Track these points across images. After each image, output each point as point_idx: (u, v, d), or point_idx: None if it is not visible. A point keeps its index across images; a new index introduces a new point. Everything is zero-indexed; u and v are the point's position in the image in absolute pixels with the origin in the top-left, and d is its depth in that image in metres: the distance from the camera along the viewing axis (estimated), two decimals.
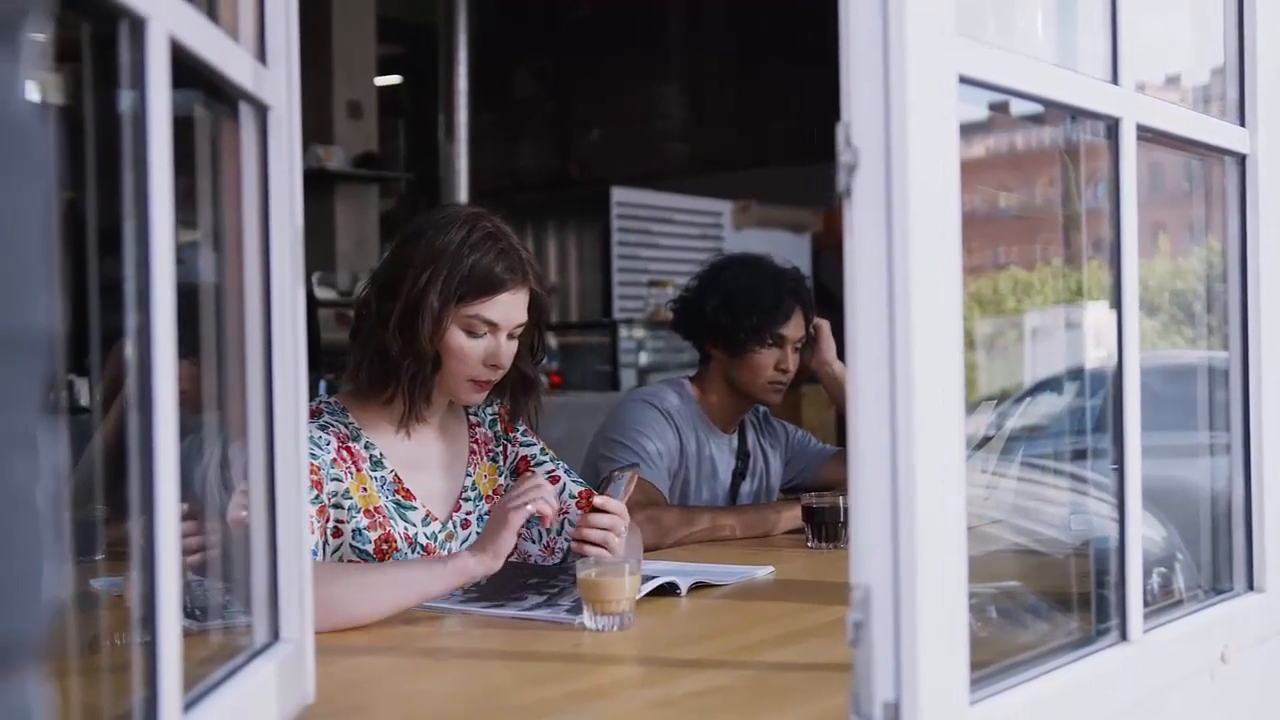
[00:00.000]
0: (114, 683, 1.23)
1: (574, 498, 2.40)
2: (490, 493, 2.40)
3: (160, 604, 1.02)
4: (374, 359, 2.23)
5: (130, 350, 1.03)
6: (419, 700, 1.62)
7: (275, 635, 1.39)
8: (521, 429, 2.48)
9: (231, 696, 1.21)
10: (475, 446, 2.41)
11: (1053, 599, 1.72)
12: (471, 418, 2.44)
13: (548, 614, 1.97)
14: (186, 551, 1.11)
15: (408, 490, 2.27)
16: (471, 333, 2.23)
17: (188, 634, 1.09)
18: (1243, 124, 1.80)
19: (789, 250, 6.72)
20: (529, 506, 2.03)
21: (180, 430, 1.06)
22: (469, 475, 2.38)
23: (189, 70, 1.13)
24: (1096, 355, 1.93)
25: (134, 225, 1.01)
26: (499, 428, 2.46)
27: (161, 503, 1.02)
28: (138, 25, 1.00)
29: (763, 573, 2.38)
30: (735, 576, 2.31)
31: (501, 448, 2.45)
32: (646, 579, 2.06)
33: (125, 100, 1.02)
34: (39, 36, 0.63)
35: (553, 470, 2.43)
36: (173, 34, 1.05)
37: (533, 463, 2.44)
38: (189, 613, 1.24)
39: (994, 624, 1.54)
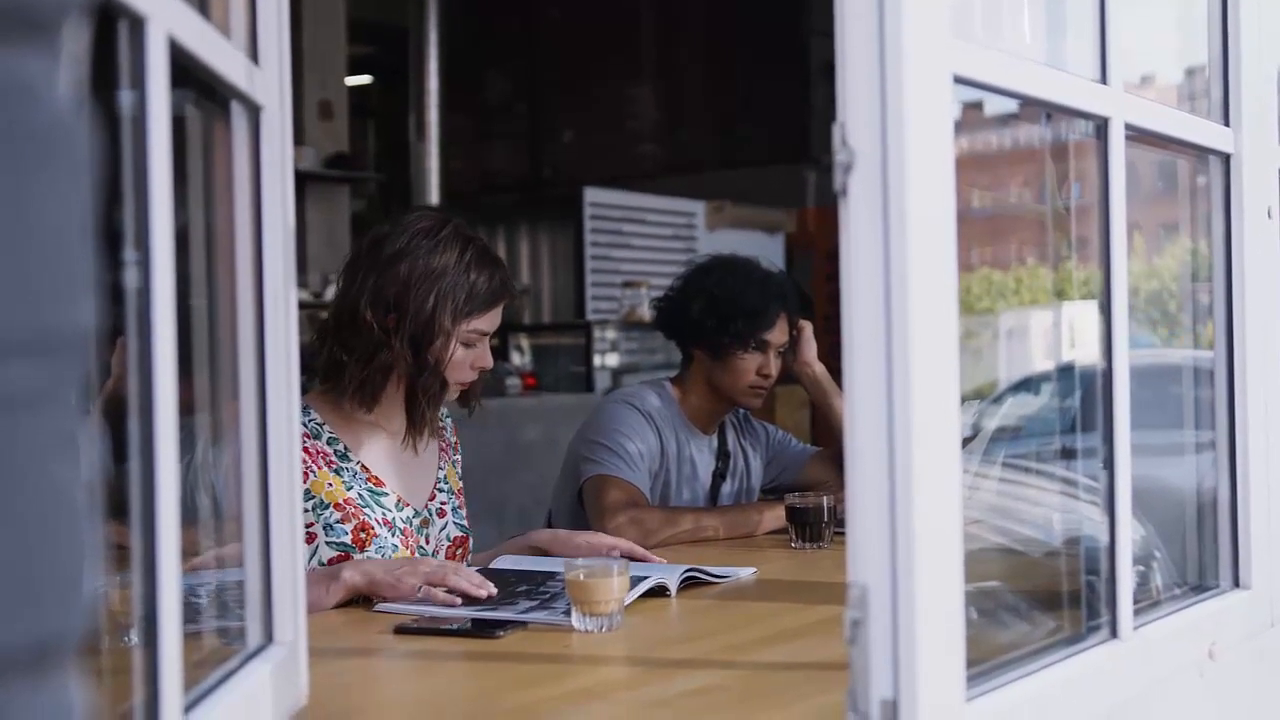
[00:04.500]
0: (110, 686, 1.22)
1: (449, 540, 2.45)
2: (456, 490, 2.49)
3: (161, 608, 1.02)
4: (380, 374, 2.29)
5: (127, 351, 1.02)
6: (411, 702, 1.62)
7: (269, 638, 1.38)
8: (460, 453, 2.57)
9: (228, 699, 1.20)
10: (443, 445, 2.50)
11: (1041, 598, 1.73)
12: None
13: (545, 616, 1.96)
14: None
15: (377, 478, 2.33)
16: (467, 345, 2.32)
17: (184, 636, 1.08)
18: (1227, 123, 1.82)
19: (762, 251, 6.72)
20: (428, 589, 2.04)
21: None
22: (440, 469, 2.46)
23: (182, 69, 1.13)
24: (1074, 355, 1.94)
25: (134, 226, 1.00)
26: (454, 439, 2.56)
27: (161, 506, 1.02)
28: (137, 24, 1.00)
29: (747, 573, 2.38)
30: (722, 575, 2.31)
31: (458, 457, 2.55)
32: (636, 580, 2.06)
33: (123, 99, 1.02)
34: (81, 33, 0.63)
35: (452, 504, 2.49)
36: (171, 33, 1.04)
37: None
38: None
39: (986, 623, 1.54)
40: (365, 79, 10.59)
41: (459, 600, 2.02)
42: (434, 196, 8.80)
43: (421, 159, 8.86)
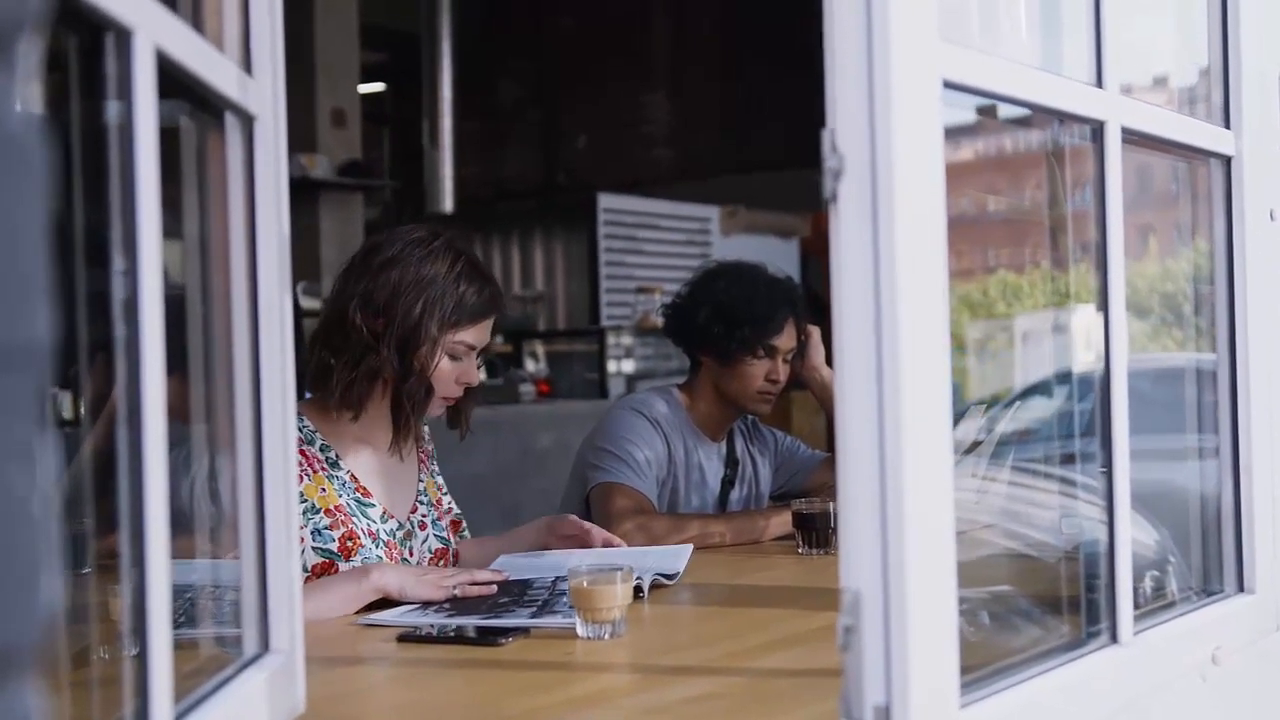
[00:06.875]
0: (103, 695, 1.23)
1: (430, 553, 2.48)
2: (435, 501, 2.52)
3: (150, 616, 1.02)
4: (366, 379, 2.31)
5: (118, 363, 1.02)
6: (410, 710, 1.62)
7: (265, 646, 1.38)
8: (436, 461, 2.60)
9: (222, 707, 1.21)
10: (423, 457, 2.54)
11: (1044, 602, 1.72)
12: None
13: (552, 620, 1.96)
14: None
15: (365, 488, 2.36)
16: (453, 356, 2.35)
17: (177, 645, 1.09)
18: (1228, 126, 1.81)
19: (776, 256, 6.72)
20: (454, 590, 2.15)
21: (168, 443, 1.05)
22: (421, 482, 2.50)
23: (174, 81, 1.13)
24: (1086, 359, 1.93)
25: (121, 236, 1.01)
26: (431, 447, 2.59)
27: (150, 516, 1.02)
28: (124, 36, 1.00)
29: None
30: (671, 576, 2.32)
31: (435, 466, 2.58)
32: None
33: (111, 111, 1.02)
34: (35, 47, 0.63)
35: (431, 516, 2.52)
36: (159, 45, 1.05)
37: (442, 492, 2.58)
38: (176, 623, 1.24)
39: (985, 628, 1.54)
40: (378, 86, 10.60)
41: (494, 589, 2.17)
42: (448, 203, 8.81)
43: (435, 166, 8.86)
